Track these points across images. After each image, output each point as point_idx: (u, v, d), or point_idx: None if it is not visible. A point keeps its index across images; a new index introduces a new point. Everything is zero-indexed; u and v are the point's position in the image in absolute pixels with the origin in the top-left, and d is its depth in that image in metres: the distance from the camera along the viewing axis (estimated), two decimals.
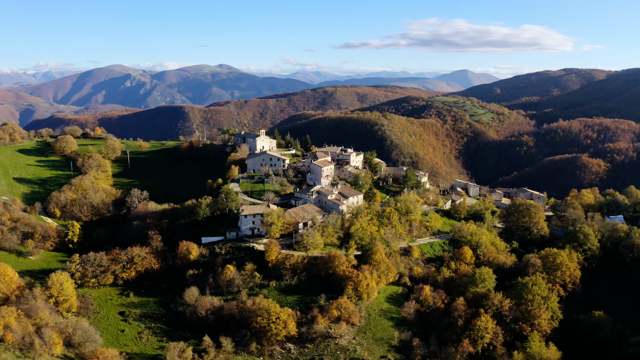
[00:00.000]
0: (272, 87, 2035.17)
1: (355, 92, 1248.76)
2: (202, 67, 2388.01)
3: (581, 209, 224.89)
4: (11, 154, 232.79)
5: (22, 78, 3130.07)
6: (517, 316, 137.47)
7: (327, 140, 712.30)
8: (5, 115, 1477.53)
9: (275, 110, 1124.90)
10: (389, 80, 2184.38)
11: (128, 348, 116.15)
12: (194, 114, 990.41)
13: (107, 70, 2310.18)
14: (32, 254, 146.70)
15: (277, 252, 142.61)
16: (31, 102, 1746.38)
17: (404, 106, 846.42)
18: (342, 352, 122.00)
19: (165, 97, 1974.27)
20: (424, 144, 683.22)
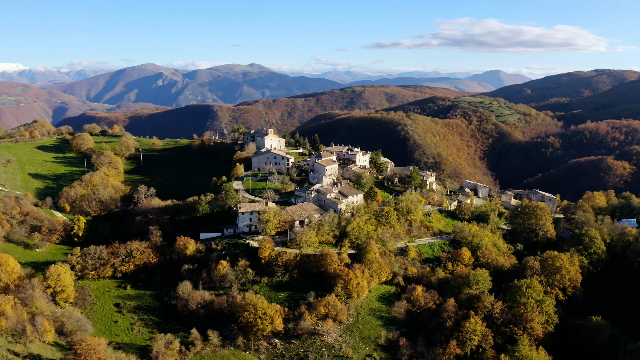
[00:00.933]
0: (302, 86, 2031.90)
1: (384, 92, 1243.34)
2: (233, 67, 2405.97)
3: (591, 211, 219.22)
4: (30, 150, 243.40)
5: (56, 76, 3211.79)
6: (509, 319, 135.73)
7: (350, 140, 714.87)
8: (39, 113, 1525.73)
9: (303, 109, 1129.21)
10: (420, 81, 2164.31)
11: (119, 338, 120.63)
12: (223, 113, 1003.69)
13: (140, 69, 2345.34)
14: (39, 247, 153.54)
15: (270, 249, 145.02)
16: (64, 100, 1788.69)
17: (429, 106, 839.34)
18: (327, 349, 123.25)
19: (196, 95, 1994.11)
20: (448, 145, 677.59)
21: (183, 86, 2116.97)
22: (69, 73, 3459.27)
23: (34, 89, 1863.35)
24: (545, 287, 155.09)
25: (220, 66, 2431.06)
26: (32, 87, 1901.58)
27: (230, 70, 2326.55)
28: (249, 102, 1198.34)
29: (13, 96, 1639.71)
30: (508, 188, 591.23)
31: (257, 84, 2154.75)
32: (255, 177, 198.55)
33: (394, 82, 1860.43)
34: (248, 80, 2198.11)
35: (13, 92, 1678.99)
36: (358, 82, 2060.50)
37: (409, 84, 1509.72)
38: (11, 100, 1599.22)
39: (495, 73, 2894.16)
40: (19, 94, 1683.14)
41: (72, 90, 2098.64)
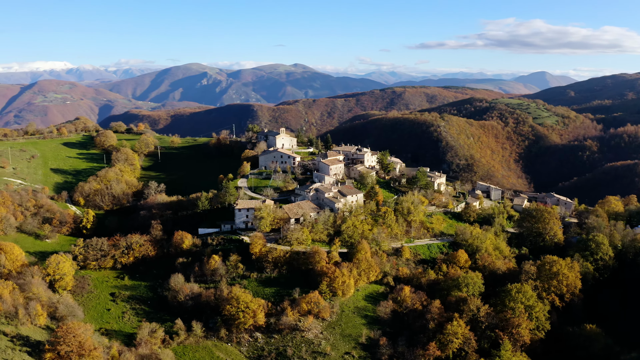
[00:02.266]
0: (346, 86, 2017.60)
1: (425, 92, 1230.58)
2: (277, 66, 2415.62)
3: (605, 216, 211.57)
4: (55, 146, 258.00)
5: (103, 75, 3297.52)
6: (495, 323, 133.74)
7: (382, 140, 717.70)
8: (85, 110, 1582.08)
9: (343, 110, 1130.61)
10: (465, 82, 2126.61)
11: (109, 325, 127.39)
12: (263, 112, 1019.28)
13: (185, 69, 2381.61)
14: (49, 237, 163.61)
15: (261, 245, 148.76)
16: (110, 98, 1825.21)
17: (466, 107, 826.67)
18: (306, 345, 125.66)
19: (240, 95, 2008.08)
20: (482, 146, 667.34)
21: (227, 85, 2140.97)
22: (116, 72, 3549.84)
23: (80, 87, 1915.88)
24: (540, 292, 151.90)
25: (264, 66, 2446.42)
26: (79, 85, 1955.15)
27: (274, 70, 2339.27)
28: (289, 102, 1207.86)
29: (60, 94, 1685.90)
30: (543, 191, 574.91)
31: (300, 84, 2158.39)
32: (260, 175, 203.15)
33: (438, 83, 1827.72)
34: (291, 80, 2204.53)
35: (60, 90, 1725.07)
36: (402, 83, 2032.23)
37: (454, 85, 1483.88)
38: (58, 98, 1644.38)
39: (541, 75, 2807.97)
40: (66, 91, 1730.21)
41: (119, 89, 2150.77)
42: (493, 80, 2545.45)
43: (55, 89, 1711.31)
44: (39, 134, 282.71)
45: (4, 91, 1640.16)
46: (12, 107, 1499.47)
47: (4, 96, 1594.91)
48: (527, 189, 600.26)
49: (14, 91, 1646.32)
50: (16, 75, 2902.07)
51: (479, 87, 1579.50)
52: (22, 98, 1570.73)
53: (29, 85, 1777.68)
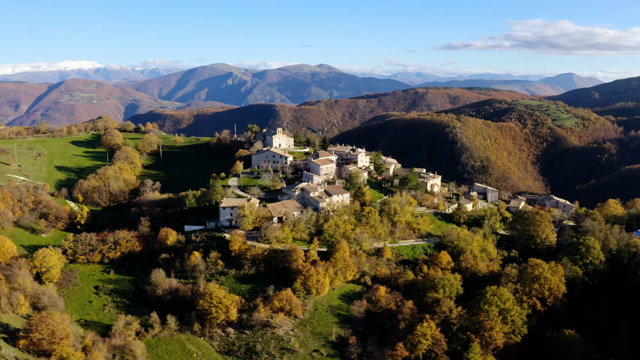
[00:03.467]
0: (371, 87, 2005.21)
1: (447, 93, 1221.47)
2: (302, 67, 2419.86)
3: (602, 220, 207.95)
4: (63, 144, 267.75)
5: (130, 74, 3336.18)
6: (467, 326, 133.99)
7: (397, 141, 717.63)
8: (111, 109, 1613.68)
9: (365, 110, 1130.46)
10: (491, 83, 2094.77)
11: (89, 317, 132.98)
12: (285, 113, 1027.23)
13: (211, 69, 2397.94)
14: (44, 232, 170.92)
15: (241, 242, 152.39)
16: (136, 98, 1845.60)
17: (485, 109, 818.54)
18: (276, 341, 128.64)
19: (265, 95, 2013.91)
20: (499, 148, 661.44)
21: (252, 86, 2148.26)
22: (143, 71, 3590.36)
23: (107, 86, 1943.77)
24: (521, 295, 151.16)
25: (290, 66, 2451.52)
26: (106, 85, 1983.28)
27: (299, 71, 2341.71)
28: (311, 102, 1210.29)
29: (87, 93, 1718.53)
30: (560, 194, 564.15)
31: (325, 85, 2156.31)
32: (252, 175, 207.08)
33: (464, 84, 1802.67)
34: (316, 80, 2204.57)
35: (87, 89, 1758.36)
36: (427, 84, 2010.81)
37: (478, 86, 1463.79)
38: (85, 97, 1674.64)
39: (568, 76, 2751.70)
40: (92, 91, 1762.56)
41: (145, 88, 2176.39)
42: (519, 81, 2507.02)
43: (82, 88, 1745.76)
44: (50, 132, 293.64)
45: (32, 90, 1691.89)
46: (39, 105, 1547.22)
47: (31, 95, 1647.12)
48: (543, 191, 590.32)
49: (42, 90, 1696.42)
50: (44, 74, 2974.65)
51: (505, 88, 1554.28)
52: (49, 97, 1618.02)
53: (56, 84, 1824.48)
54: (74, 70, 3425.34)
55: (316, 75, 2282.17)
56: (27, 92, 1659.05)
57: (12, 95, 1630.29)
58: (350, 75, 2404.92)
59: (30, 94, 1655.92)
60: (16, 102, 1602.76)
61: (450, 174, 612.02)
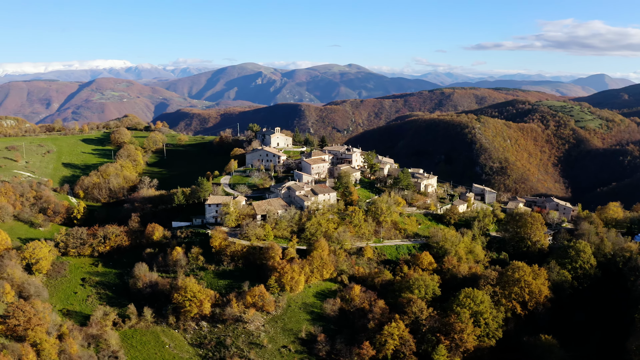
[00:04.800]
0: (400, 87, 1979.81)
1: (474, 94, 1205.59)
2: (331, 67, 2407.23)
3: (600, 223, 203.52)
4: (73, 142, 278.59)
5: (161, 73, 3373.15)
6: (437, 327, 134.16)
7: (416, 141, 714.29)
8: (141, 108, 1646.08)
9: (390, 110, 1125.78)
10: (522, 84, 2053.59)
11: (72, 307, 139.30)
12: (310, 112, 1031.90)
13: (240, 68, 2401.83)
14: (42, 226, 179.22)
15: (221, 239, 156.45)
16: (166, 97, 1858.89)
17: (508, 109, 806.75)
18: (246, 335, 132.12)
19: (294, 95, 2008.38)
20: (519, 149, 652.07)
21: (281, 85, 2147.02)
22: (174, 70, 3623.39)
23: (137, 85, 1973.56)
24: (500, 298, 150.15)
25: (319, 66, 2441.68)
26: (136, 84, 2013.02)
27: (328, 71, 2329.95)
28: (337, 102, 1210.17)
29: (117, 91, 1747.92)
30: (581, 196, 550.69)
31: (354, 85, 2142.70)
32: (244, 173, 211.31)
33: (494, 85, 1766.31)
34: (345, 80, 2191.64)
35: (117, 88, 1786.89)
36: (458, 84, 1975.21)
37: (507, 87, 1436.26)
38: (115, 96, 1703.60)
39: (600, 77, 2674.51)
40: (123, 89, 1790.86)
41: (175, 88, 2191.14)
42: (551, 82, 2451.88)
43: (112, 87, 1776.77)
44: (64, 130, 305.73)
45: (63, 88, 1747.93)
46: (70, 103, 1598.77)
47: (63, 93, 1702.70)
48: (564, 193, 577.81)
49: (73, 88, 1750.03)
50: (76, 73, 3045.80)
51: (536, 89, 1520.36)
52: (81, 95, 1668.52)
53: (88, 82, 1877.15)
54: (106, 69, 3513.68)
55: (345, 75, 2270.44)
56: (59, 91, 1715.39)
57: (43, 93, 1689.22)
58: (379, 75, 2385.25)
59: (61, 92, 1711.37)
60: (48, 100, 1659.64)
61: (469, 175, 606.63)
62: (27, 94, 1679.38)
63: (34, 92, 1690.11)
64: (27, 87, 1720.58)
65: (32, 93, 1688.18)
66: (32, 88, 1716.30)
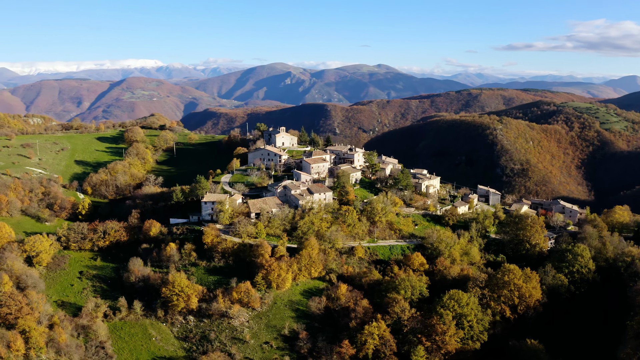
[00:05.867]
0: (429, 88, 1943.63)
1: (502, 95, 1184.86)
2: (360, 67, 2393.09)
3: (605, 226, 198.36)
4: (88, 140, 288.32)
5: (191, 73, 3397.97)
6: (419, 328, 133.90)
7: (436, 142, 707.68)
8: (170, 107, 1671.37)
9: (417, 111, 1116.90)
10: (553, 85, 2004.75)
11: (67, 298, 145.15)
12: (336, 112, 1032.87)
13: (269, 68, 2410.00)
14: (48, 220, 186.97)
15: (213, 235, 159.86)
16: (195, 96, 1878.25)
17: (532, 111, 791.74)
18: (230, 330, 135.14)
19: (322, 95, 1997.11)
20: (542, 151, 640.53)
21: (310, 85, 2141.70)
22: (204, 70, 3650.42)
23: (167, 84, 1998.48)
24: (488, 301, 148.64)
25: (348, 66, 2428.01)
26: (166, 83, 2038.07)
27: (357, 71, 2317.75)
28: (364, 103, 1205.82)
29: (147, 91, 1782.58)
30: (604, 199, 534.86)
31: (383, 85, 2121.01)
32: (245, 172, 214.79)
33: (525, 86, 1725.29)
34: (374, 80, 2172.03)
35: (148, 87, 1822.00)
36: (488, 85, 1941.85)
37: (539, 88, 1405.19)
38: (145, 95, 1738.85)
39: (632, 79, 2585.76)
40: (153, 88, 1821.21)
41: (205, 87, 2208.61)
42: (582, 83, 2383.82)
43: (143, 86, 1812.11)
44: (81, 128, 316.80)
45: (94, 87, 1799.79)
46: (101, 102, 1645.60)
47: (93, 92, 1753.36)
48: (586, 196, 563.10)
49: (104, 87, 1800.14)
50: (108, 72, 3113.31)
51: (567, 90, 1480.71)
52: (111, 94, 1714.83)
53: (118, 81, 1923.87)
54: (137, 68, 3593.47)
55: (374, 75, 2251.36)
56: (90, 89, 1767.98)
57: (75, 92, 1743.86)
58: (408, 76, 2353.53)
59: (92, 91, 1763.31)
60: (79, 98, 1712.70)
61: (490, 177, 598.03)
62: (58, 93, 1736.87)
63: (65, 90, 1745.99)
64: (58, 86, 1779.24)
65: (63, 92, 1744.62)
66: (63, 87, 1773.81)
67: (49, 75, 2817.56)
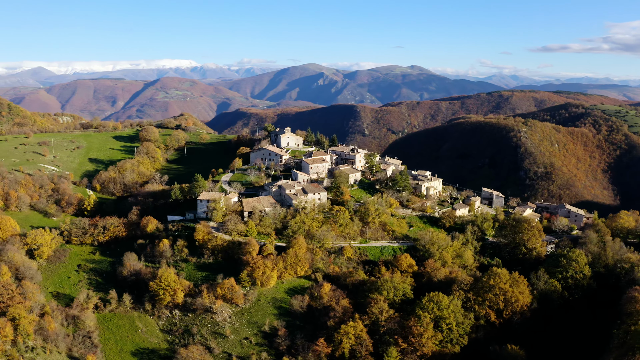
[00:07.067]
0: (463, 89, 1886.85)
1: (533, 97, 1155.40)
2: (393, 68, 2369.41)
3: (608, 231, 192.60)
4: (105, 139, 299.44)
5: (225, 73, 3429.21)
6: (395, 329, 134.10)
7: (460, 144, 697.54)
8: (203, 107, 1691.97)
9: (447, 113, 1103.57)
10: (588, 87, 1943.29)
11: (62, 289, 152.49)
12: (365, 114, 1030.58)
13: (302, 69, 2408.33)
14: (55, 216, 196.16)
15: (205, 232, 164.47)
16: (228, 96, 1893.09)
17: (560, 113, 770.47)
18: (212, 325, 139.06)
19: (355, 96, 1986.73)
20: (567, 154, 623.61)
21: (342, 86, 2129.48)
22: (238, 71, 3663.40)
23: (200, 84, 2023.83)
24: (473, 305, 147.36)
25: (380, 67, 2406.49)
26: (199, 83, 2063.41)
27: (390, 72, 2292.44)
28: (393, 104, 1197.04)
29: (181, 90, 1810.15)
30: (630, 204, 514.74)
31: (415, 86, 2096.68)
32: (246, 171, 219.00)
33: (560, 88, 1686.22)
34: (407, 82, 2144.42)
35: (181, 87, 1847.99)
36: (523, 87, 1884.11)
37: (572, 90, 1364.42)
38: (179, 94, 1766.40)
39: None
40: (186, 88, 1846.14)
41: (238, 87, 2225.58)
42: (618, 86, 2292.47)
43: (176, 86, 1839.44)
44: (101, 127, 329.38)
45: (129, 87, 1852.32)
46: (135, 102, 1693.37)
47: (128, 91, 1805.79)
48: (611, 201, 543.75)
49: (138, 87, 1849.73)
50: (143, 72, 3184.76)
51: (602, 93, 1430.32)
52: (145, 94, 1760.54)
53: (152, 81, 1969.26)
54: (172, 68, 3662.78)
55: (407, 76, 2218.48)
56: (124, 89, 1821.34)
57: (109, 91, 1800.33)
58: (441, 77, 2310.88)
59: (127, 90, 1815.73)
60: (113, 98, 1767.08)
61: (513, 180, 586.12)
62: (93, 92, 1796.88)
63: (100, 90, 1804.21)
64: (93, 85, 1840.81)
65: (98, 91, 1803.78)
66: (98, 86, 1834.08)
67: (85, 74, 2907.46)
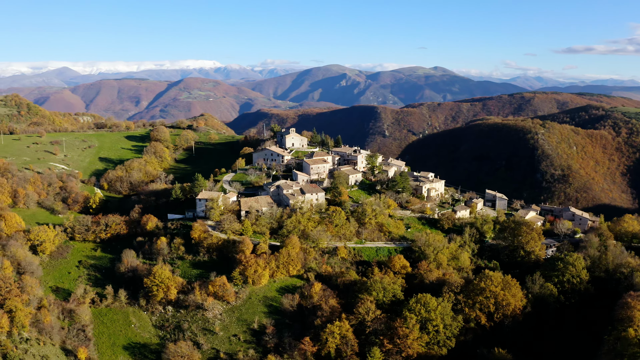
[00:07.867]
0: (486, 91, 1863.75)
1: (555, 99, 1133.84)
2: (416, 69, 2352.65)
3: (610, 235, 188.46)
4: (117, 138, 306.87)
5: (249, 74, 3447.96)
6: (381, 330, 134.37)
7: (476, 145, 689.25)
8: (226, 107, 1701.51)
9: (468, 114, 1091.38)
10: (613, 89, 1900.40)
11: (62, 284, 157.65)
12: (386, 115, 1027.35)
13: (325, 70, 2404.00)
14: (61, 213, 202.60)
15: (201, 231, 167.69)
16: (251, 97, 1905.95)
17: (580, 115, 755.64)
18: (202, 322, 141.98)
19: (377, 97, 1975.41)
20: (586, 157, 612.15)
21: (365, 87, 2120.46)
22: (261, 71, 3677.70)
23: (224, 85, 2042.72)
24: (463, 307, 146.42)
25: (404, 68, 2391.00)
26: (222, 84, 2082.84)
27: (413, 73, 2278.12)
28: (414, 105, 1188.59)
29: (204, 91, 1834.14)
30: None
31: (438, 88, 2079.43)
32: (247, 171, 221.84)
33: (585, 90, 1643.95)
34: (430, 83, 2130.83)
35: (204, 88, 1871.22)
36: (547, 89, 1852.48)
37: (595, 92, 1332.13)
38: (202, 95, 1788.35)
39: None
40: (209, 89, 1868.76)
41: (261, 88, 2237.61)
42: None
43: (200, 87, 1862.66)
44: (114, 127, 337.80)
45: (152, 87, 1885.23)
46: (158, 102, 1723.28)
47: (151, 92, 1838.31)
48: (629, 204, 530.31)
49: (162, 87, 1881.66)
50: (167, 72, 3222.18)
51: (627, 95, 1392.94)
52: (169, 94, 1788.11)
53: (176, 82, 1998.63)
54: (196, 69, 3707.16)
55: (430, 77, 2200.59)
56: (148, 89, 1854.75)
57: (133, 91, 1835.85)
58: (465, 79, 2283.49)
59: (150, 90, 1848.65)
60: (137, 98, 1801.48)
61: (529, 182, 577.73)
62: (117, 92, 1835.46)
63: (124, 90, 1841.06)
64: (117, 85, 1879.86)
65: (122, 91, 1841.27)
66: (122, 86, 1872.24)
67: (110, 74, 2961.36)
